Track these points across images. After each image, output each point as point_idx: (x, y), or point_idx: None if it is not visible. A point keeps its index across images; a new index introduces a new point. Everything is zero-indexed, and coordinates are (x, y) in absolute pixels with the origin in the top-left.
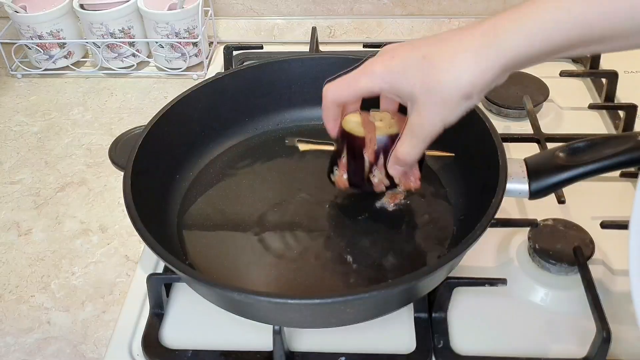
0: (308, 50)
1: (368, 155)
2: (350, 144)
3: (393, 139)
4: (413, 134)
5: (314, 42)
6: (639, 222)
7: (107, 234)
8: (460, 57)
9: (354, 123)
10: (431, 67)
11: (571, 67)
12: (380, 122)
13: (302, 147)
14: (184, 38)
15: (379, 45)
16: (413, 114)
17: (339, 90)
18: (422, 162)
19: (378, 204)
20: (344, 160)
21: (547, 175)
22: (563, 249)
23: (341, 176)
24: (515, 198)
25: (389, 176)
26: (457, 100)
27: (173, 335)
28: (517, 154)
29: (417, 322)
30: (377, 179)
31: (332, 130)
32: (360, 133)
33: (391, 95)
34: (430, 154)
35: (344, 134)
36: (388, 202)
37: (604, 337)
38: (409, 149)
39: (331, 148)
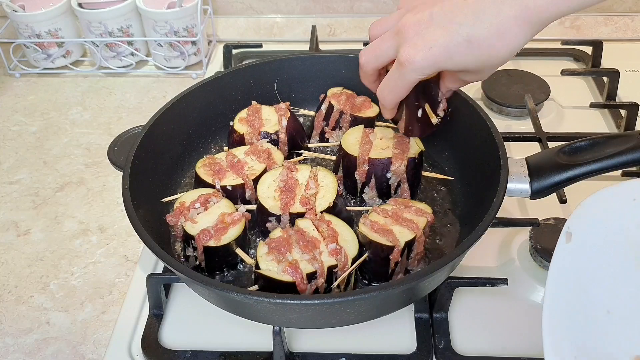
0: (308, 49)
1: (358, 175)
2: (345, 160)
3: (384, 163)
4: (465, 82)
5: (314, 40)
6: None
7: (106, 234)
8: (511, 33)
9: (353, 140)
10: (482, 47)
11: (572, 65)
12: (379, 141)
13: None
14: (183, 37)
15: None
16: (465, 75)
17: (394, 93)
18: (418, 181)
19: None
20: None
21: (548, 175)
22: None
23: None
24: (517, 197)
25: (380, 195)
26: (509, 58)
27: (172, 336)
28: (518, 153)
29: (418, 322)
30: (368, 196)
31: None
32: (354, 152)
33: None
34: (430, 175)
35: (340, 149)
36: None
37: None
38: (459, 85)
39: (332, 158)
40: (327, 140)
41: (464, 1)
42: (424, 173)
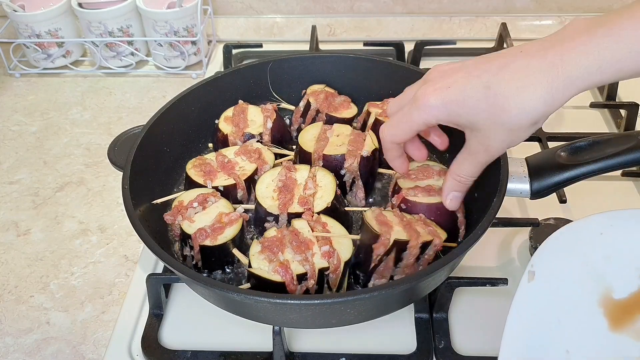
0: (308, 48)
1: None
2: (301, 156)
3: (338, 159)
4: (476, 158)
5: (314, 40)
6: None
7: (106, 234)
8: (530, 90)
9: (310, 136)
10: (498, 99)
11: None
12: (336, 138)
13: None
14: (182, 37)
15: (379, 44)
16: (475, 140)
17: (394, 130)
18: (373, 179)
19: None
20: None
21: (548, 175)
22: None
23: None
24: (517, 197)
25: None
26: (525, 128)
27: (172, 336)
28: (518, 153)
29: (418, 322)
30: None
31: (400, 167)
32: (309, 148)
33: (446, 124)
34: (384, 172)
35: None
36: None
37: None
38: (470, 170)
39: (290, 154)
40: None
41: (497, 57)
42: (380, 170)
